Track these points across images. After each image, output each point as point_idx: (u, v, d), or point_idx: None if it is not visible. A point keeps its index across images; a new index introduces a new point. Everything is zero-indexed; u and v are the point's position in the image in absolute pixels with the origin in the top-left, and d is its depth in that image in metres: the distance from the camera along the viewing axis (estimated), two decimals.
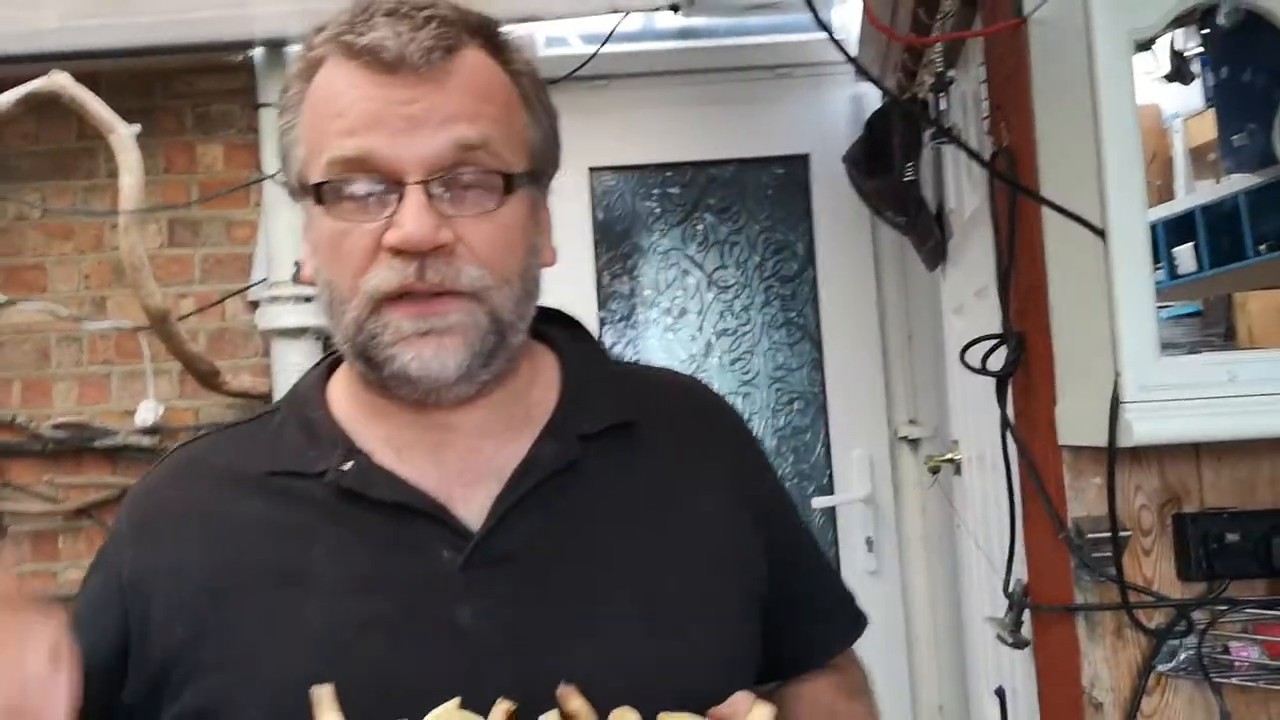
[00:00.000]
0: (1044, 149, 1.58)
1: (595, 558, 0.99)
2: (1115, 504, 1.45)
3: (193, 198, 3.28)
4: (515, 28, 1.04)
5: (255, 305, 3.20)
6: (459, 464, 1.01)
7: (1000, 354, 1.72)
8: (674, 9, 3.08)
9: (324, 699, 0.84)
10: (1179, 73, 2.14)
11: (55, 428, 3.20)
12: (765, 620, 1.08)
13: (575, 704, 0.86)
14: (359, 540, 0.97)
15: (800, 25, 3.29)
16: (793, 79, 3.41)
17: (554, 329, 1.13)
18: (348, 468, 0.99)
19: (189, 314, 3.22)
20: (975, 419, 2.38)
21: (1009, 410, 1.72)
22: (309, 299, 3.06)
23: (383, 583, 0.95)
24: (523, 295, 0.99)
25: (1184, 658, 1.47)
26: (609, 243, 3.45)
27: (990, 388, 1.74)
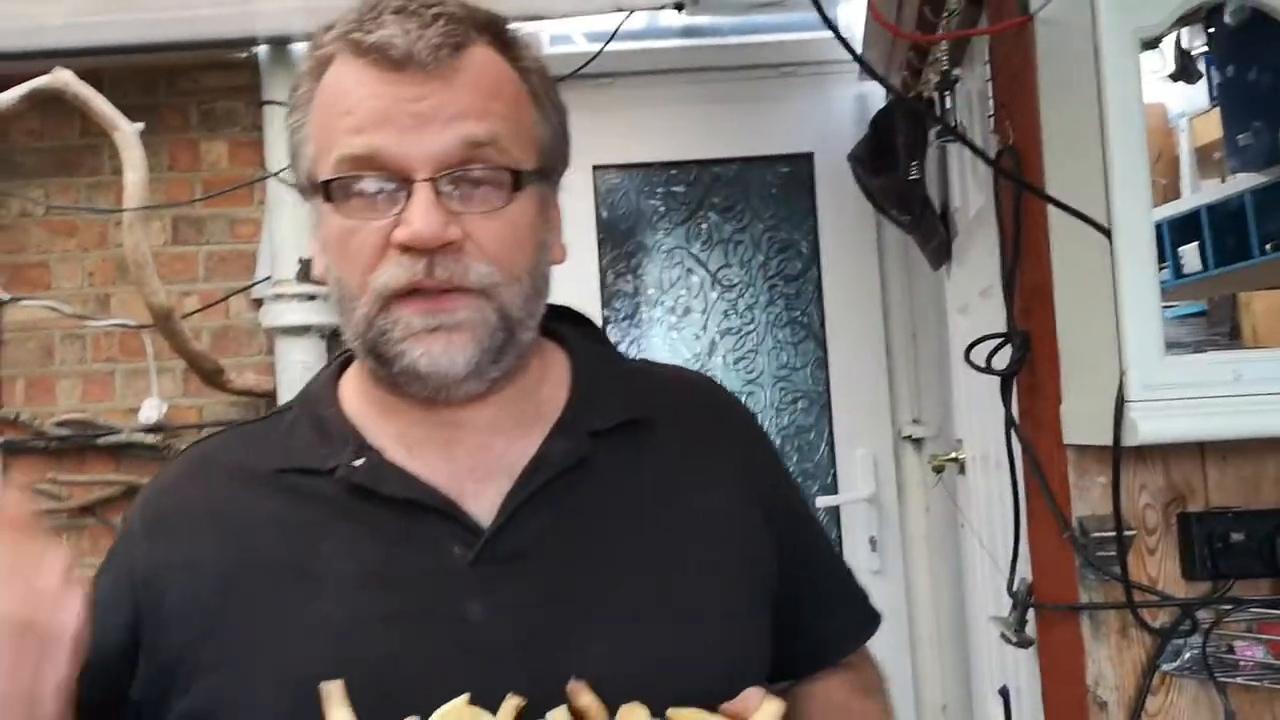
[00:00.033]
0: (1049, 147, 1.58)
1: (605, 554, 0.99)
2: (1120, 503, 1.45)
3: (197, 195, 3.28)
4: (521, 25, 1.04)
5: (259, 303, 3.19)
6: (469, 461, 1.01)
7: (1005, 353, 1.72)
8: (678, 7, 3.08)
9: (334, 694, 0.84)
10: (1185, 71, 2.13)
11: (59, 425, 3.20)
12: (778, 617, 1.07)
13: (585, 699, 0.86)
14: (370, 536, 0.97)
15: (805, 24, 3.29)
16: (797, 78, 3.41)
17: (564, 326, 1.12)
18: (359, 464, 0.99)
19: (193, 312, 3.22)
20: (979, 418, 2.38)
21: (1013, 409, 1.72)
22: (312, 297, 3.07)
23: (393, 579, 0.95)
24: (532, 292, 0.99)
25: (1188, 657, 1.47)
26: (613, 241, 3.44)
27: (995, 387, 1.74)
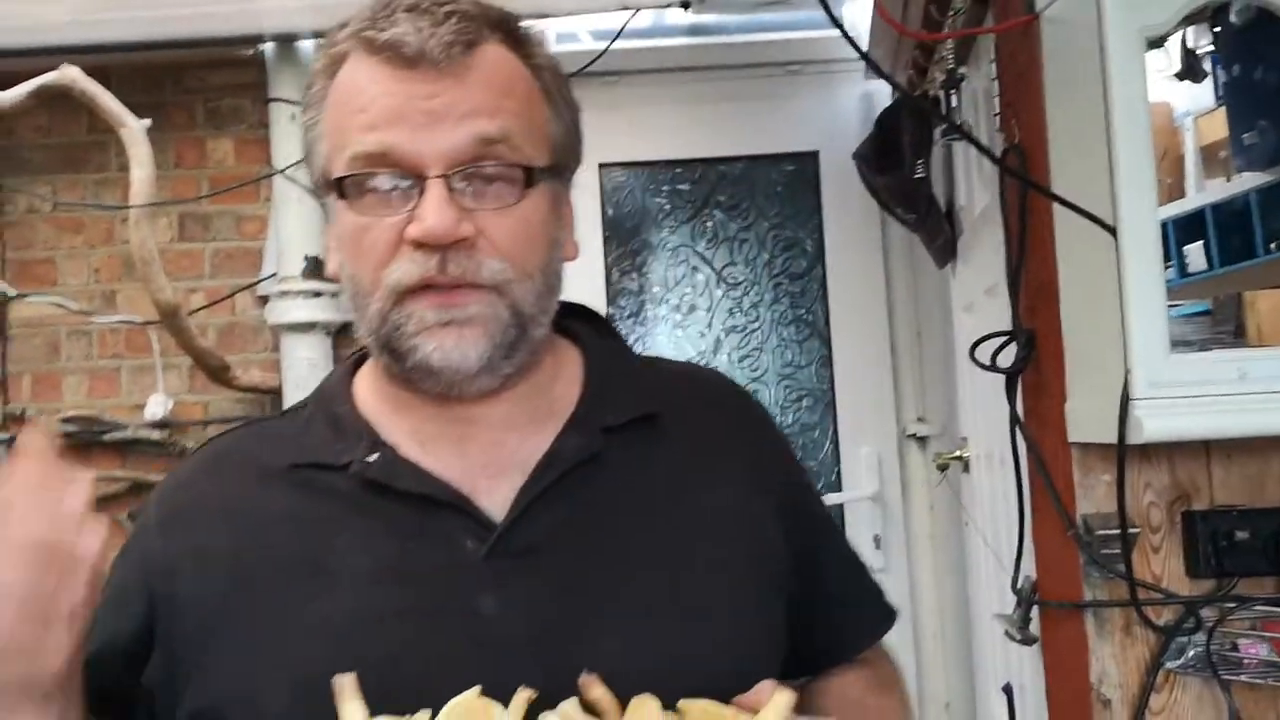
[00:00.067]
0: (1055, 146, 1.58)
1: (617, 549, 0.99)
2: (1125, 501, 1.45)
3: (203, 192, 3.29)
4: (529, 23, 1.04)
5: (265, 300, 3.20)
6: (483, 457, 1.01)
7: (1010, 351, 1.73)
8: (684, 5, 3.08)
9: (346, 688, 0.84)
10: (1190, 70, 2.13)
11: (65, 421, 3.21)
12: (792, 613, 1.07)
13: (597, 693, 0.86)
14: (384, 531, 0.97)
15: (810, 22, 3.30)
16: (803, 76, 3.41)
17: (577, 324, 1.13)
18: (373, 459, 1.00)
19: (199, 308, 3.22)
20: (984, 416, 2.38)
21: (1018, 407, 1.72)
22: (318, 294, 3.08)
23: (407, 573, 0.96)
24: (544, 289, 1.00)
25: (1192, 655, 1.48)
26: (618, 239, 3.45)
27: (1000, 385, 1.74)
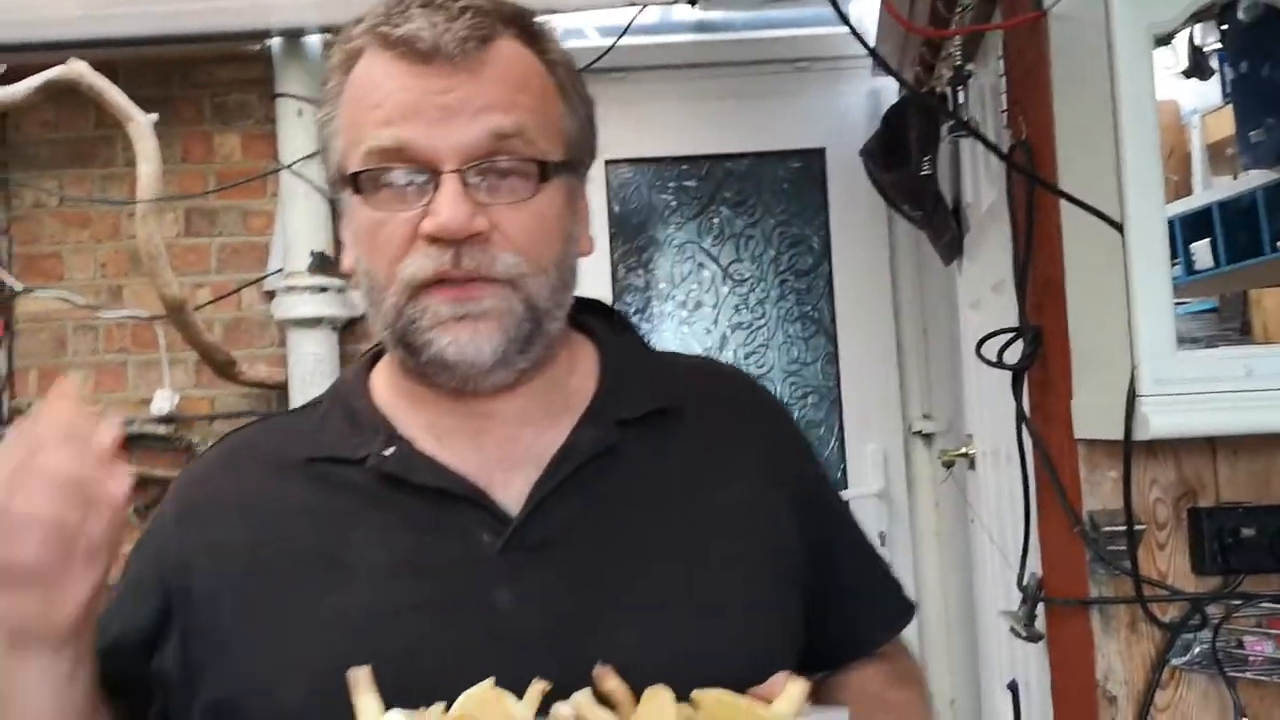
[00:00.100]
0: (1063, 143, 1.58)
1: (633, 542, 1.00)
2: (1131, 497, 1.45)
3: (210, 187, 3.29)
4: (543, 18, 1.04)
5: (271, 295, 3.21)
6: (498, 451, 1.01)
7: (1016, 347, 1.73)
8: (691, 2, 3.09)
9: (360, 681, 0.85)
10: (1197, 68, 2.12)
11: None
12: (809, 606, 1.07)
13: (611, 684, 0.87)
14: (400, 525, 0.98)
15: (817, 19, 3.29)
16: (810, 73, 3.41)
17: (593, 319, 1.13)
18: (389, 453, 1.00)
19: (205, 303, 3.23)
20: (990, 413, 2.38)
21: (1025, 404, 1.72)
22: (324, 289, 3.08)
23: (423, 567, 0.96)
24: (559, 284, 1.00)
25: (1198, 652, 1.48)
26: (625, 235, 3.45)
27: (1006, 381, 1.74)
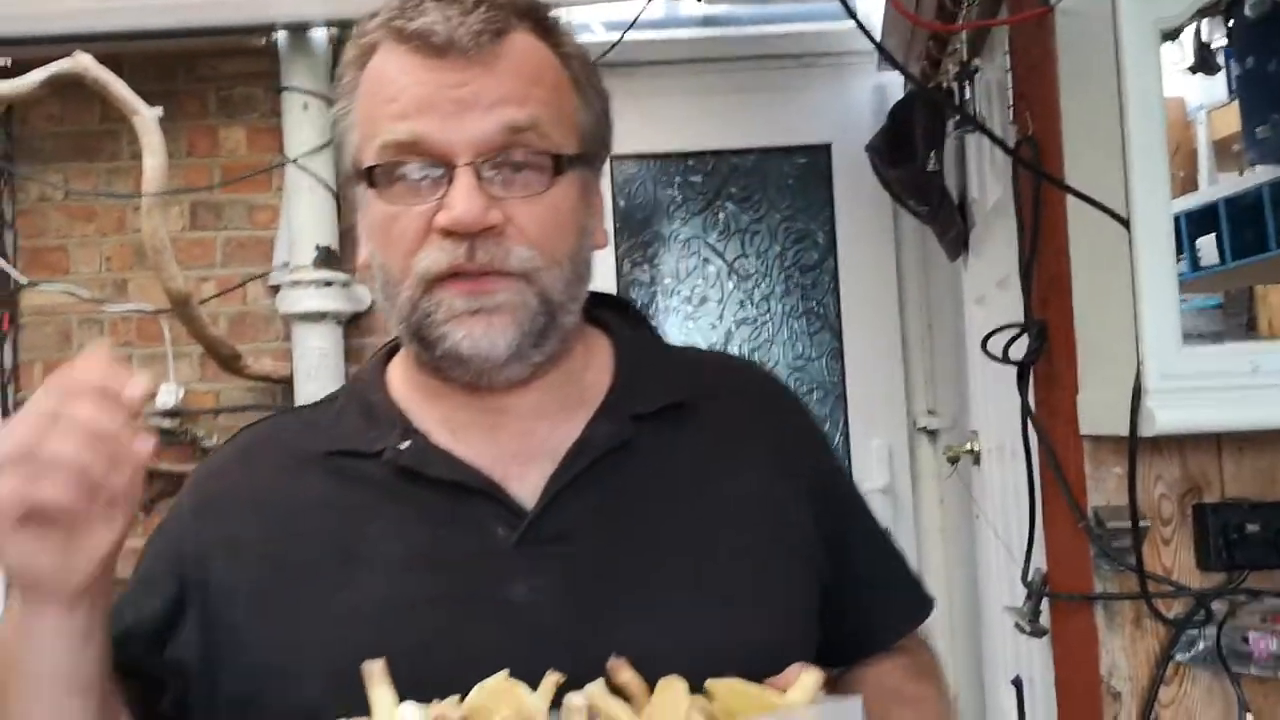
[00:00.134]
0: (1069, 138, 1.58)
1: (647, 536, 1.00)
2: (1136, 493, 1.45)
3: (215, 181, 3.29)
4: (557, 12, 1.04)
5: (276, 289, 3.21)
6: (514, 444, 1.02)
7: (1022, 343, 1.72)
8: None
9: (375, 674, 0.85)
10: (1204, 64, 2.12)
11: None
12: (827, 599, 1.07)
13: (625, 676, 0.87)
14: (415, 518, 0.98)
15: (823, 14, 3.29)
16: (815, 68, 3.41)
17: (608, 313, 1.13)
18: (405, 447, 1.00)
19: (210, 297, 3.23)
20: (996, 409, 2.38)
21: (1030, 399, 1.72)
22: (329, 283, 3.08)
23: (438, 560, 0.97)
24: (573, 277, 1.00)
25: (1202, 648, 1.48)
26: (630, 230, 3.45)
27: (1011, 377, 1.74)
